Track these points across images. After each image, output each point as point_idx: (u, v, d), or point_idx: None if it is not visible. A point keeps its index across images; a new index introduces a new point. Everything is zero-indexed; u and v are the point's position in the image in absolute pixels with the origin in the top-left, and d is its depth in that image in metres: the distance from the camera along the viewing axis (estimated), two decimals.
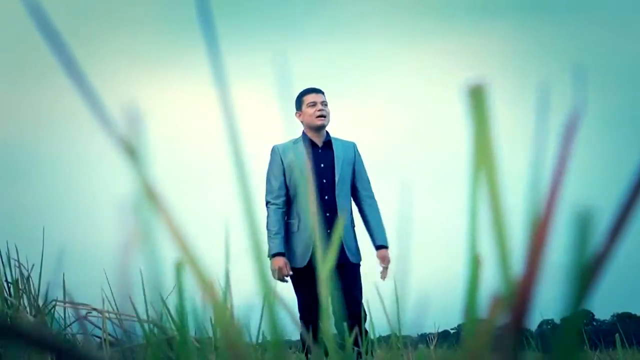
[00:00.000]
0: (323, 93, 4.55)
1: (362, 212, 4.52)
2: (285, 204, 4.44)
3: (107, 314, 1.60)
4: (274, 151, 4.56)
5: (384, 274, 4.36)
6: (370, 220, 4.46)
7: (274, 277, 4.24)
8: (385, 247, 4.40)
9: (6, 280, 1.66)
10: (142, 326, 1.43)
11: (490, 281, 0.46)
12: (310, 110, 4.42)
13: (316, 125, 4.45)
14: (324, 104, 4.47)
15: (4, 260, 1.69)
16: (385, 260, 4.37)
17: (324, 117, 4.44)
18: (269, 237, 4.34)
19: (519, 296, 0.38)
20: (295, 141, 4.56)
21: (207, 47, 0.42)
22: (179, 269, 0.55)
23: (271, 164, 4.53)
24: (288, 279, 4.29)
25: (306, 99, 4.47)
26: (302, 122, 4.52)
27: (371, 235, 4.45)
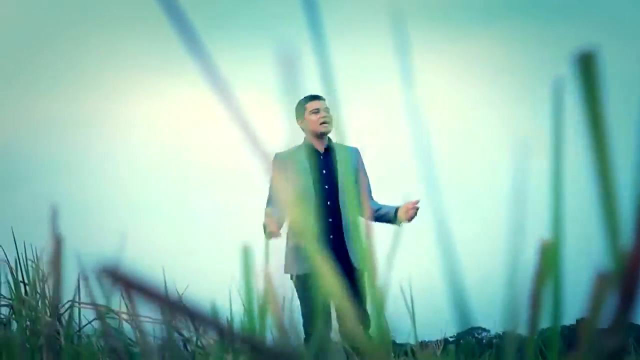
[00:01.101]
0: (324, 99, 4.56)
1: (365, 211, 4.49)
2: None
3: (123, 315, 1.59)
4: (276, 158, 4.56)
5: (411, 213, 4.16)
6: (377, 208, 4.42)
7: (266, 237, 4.13)
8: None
9: (22, 281, 1.65)
10: (164, 327, 1.42)
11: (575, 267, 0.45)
12: (314, 117, 4.42)
13: (320, 132, 4.45)
14: (327, 110, 4.47)
15: (21, 261, 1.68)
16: (408, 205, 4.16)
17: (328, 123, 4.45)
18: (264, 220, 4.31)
19: (628, 273, 0.36)
20: (296, 148, 4.57)
21: (315, 51, 0.41)
22: (245, 252, 0.54)
23: (272, 171, 4.53)
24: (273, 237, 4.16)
25: (308, 106, 4.46)
26: (303, 129, 4.52)
27: (385, 213, 4.35)
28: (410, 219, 4.17)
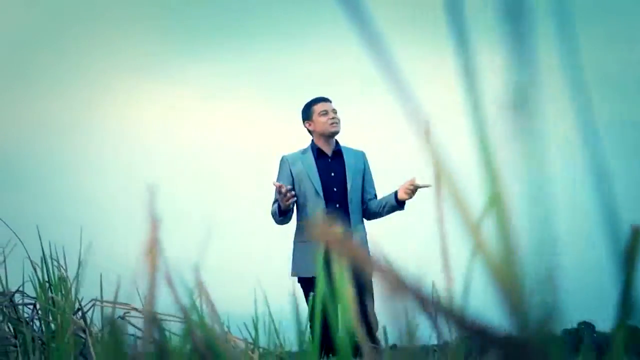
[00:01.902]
0: (331, 101, 4.58)
1: (367, 208, 4.51)
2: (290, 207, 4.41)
3: (147, 314, 1.59)
4: (283, 161, 4.57)
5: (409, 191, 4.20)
6: (379, 204, 4.45)
7: (282, 202, 4.12)
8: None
9: (46, 281, 1.66)
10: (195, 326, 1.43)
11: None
12: (323, 119, 4.44)
13: (330, 133, 4.47)
14: (335, 111, 4.50)
15: (46, 260, 1.69)
16: (405, 183, 4.26)
17: (337, 124, 4.48)
18: (273, 210, 4.36)
19: None
20: (303, 151, 4.58)
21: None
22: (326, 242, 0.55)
23: (280, 173, 4.54)
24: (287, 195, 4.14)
25: (316, 108, 4.49)
26: (312, 131, 4.54)
27: (387, 203, 4.39)
28: (409, 196, 4.20)
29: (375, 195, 4.65)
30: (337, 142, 4.66)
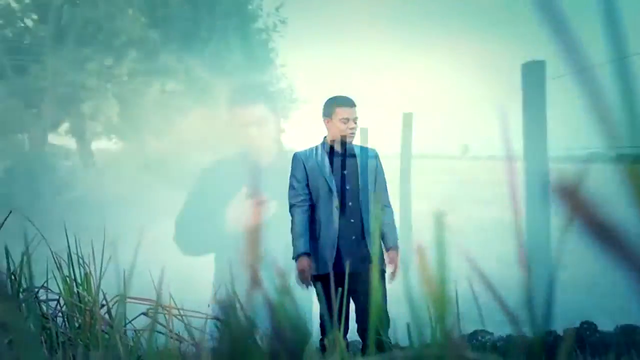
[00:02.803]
0: (355, 107, 4.51)
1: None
2: (309, 207, 4.38)
3: (173, 311, 1.59)
4: (296, 157, 4.55)
5: (392, 276, 4.21)
6: (384, 224, 4.39)
7: (297, 281, 4.09)
8: (396, 248, 4.28)
9: (70, 276, 1.66)
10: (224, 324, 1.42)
11: None
12: (342, 126, 4.40)
13: (344, 141, 4.45)
14: (355, 120, 4.44)
15: (72, 256, 1.69)
16: (392, 262, 4.21)
17: (354, 135, 4.45)
18: (294, 238, 4.25)
19: None
20: (316, 148, 4.57)
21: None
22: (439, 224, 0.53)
23: (294, 169, 4.51)
24: (307, 285, 4.14)
25: (339, 111, 4.42)
26: (327, 129, 4.52)
27: (383, 238, 4.36)
28: (391, 274, 4.17)
29: (389, 204, 4.56)
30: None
